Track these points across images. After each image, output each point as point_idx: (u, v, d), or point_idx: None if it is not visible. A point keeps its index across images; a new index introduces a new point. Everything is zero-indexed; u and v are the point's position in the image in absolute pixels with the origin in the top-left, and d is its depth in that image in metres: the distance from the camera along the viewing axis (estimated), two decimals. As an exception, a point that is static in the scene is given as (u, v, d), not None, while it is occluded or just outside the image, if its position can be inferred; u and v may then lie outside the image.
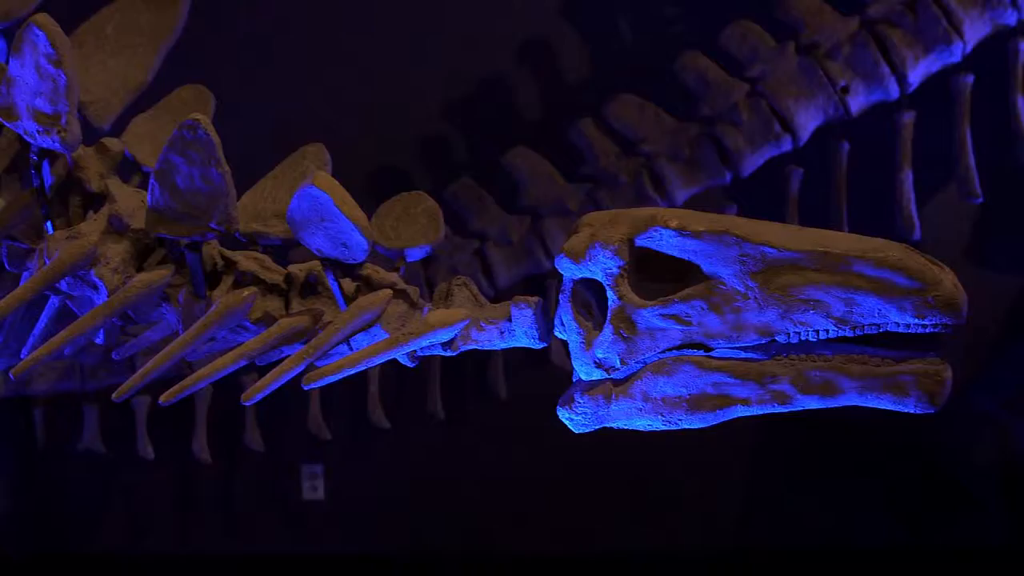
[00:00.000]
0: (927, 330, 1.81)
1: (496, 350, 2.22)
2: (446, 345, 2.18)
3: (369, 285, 2.22)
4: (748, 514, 5.13)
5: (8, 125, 2.33)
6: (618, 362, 1.95)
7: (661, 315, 1.91)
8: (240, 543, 5.54)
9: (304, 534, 5.46)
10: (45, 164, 2.40)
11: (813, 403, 1.91)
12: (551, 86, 4.94)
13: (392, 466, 5.29)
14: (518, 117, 4.96)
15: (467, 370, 4.98)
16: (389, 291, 2.19)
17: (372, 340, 2.20)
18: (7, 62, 2.30)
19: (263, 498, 5.48)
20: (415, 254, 2.30)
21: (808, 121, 4.04)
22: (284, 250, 2.61)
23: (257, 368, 2.51)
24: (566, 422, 2.04)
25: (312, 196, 2.03)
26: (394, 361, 2.23)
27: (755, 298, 1.86)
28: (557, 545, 5.23)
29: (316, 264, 2.25)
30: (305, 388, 2.16)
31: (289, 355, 2.21)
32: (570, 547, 5.22)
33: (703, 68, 4.12)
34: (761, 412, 1.95)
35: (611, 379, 1.98)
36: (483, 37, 4.97)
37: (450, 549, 5.32)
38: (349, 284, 2.24)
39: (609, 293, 1.92)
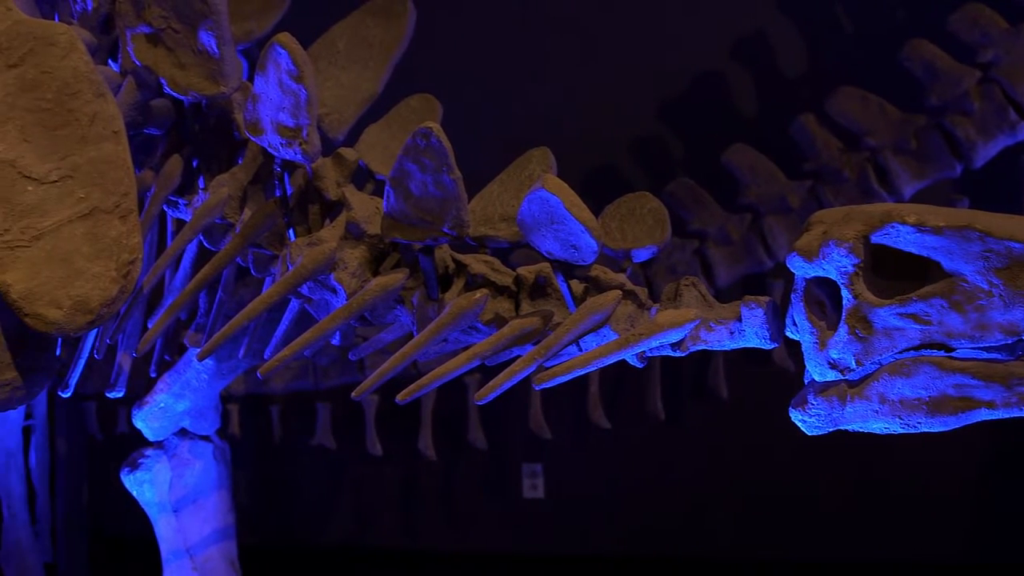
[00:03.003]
0: None
1: (716, 350, 2.20)
2: (675, 346, 2.16)
3: (597, 286, 2.23)
4: (985, 523, 4.91)
5: (254, 139, 2.46)
6: (853, 363, 1.89)
7: (899, 314, 1.84)
8: (461, 539, 5.68)
9: (523, 532, 5.55)
10: (287, 175, 2.52)
11: (1065, 407, 1.81)
12: (770, 81, 4.87)
13: (611, 466, 5.31)
14: (737, 114, 4.91)
15: (686, 370, 4.95)
16: (618, 292, 2.20)
17: (601, 341, 2.21)
18: (251, 80, 2.43)
19: (484, 495, 5.60)
20: (641, 255, 2.29)
21: (1048, 107, 3.85)
22: (508, 252, 2.66)
23: (481, 368, 2.56)
24: (799, 424, 1.99)
25: (542, 199, 2.06)
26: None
27: (1000, 295, 1.78)
28: (777, 551, 5.14)
29: (545, 266, 2.28)
30: (536, 388, 2.18)
31: (519, 355, 2.24)
32: (789, 553, 5.12)
33: (930, 56, 3.97)
34: (1007, 416, 1.86)
35: (846, 380, 1.92)
36: (700, 33, 4.94)
37: (667, 550, 5.30)
38: (577, 285, 2.26)
39: (844, 292, 1.87)
